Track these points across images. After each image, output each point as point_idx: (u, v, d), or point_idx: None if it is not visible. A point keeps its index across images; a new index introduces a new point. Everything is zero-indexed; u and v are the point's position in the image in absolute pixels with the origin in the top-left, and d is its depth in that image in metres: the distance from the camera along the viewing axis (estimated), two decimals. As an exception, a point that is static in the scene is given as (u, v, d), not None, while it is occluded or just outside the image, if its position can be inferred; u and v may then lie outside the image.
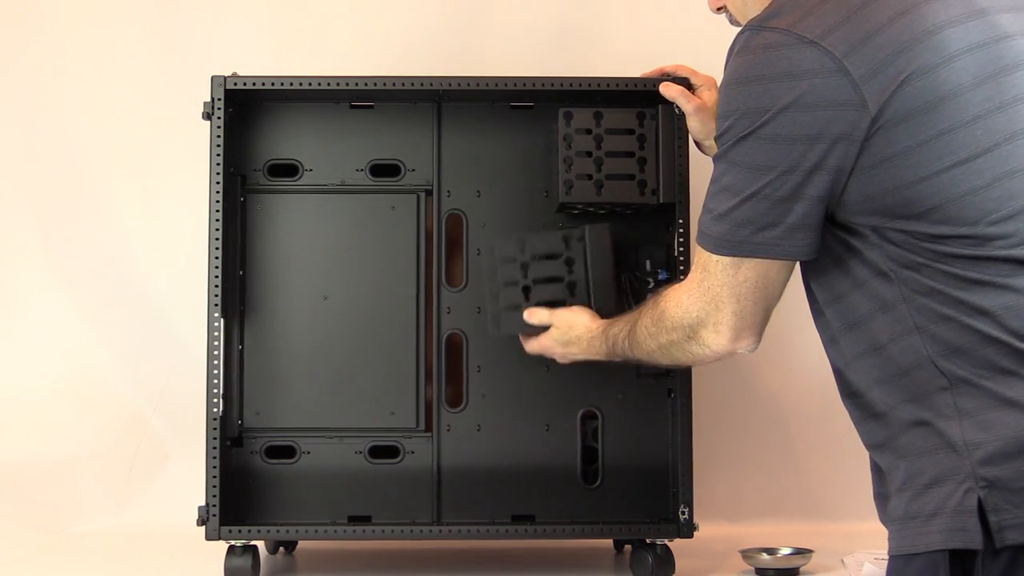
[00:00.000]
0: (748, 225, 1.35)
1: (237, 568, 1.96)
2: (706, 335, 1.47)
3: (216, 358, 1.98)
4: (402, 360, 2.04)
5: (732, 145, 1.35)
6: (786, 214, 1.34)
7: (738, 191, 1.35)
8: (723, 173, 1.38)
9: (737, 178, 1.35)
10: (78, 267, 2.62)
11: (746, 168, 1.34)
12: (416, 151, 2.07)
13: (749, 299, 1.41)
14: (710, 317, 1.45)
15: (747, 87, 1.33)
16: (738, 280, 1.40)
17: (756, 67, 1.32)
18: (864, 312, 1.36)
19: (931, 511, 1.29)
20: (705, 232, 1.41)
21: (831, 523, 2.48)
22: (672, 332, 1.51)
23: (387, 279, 2.05)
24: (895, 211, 1.30)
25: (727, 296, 1.42)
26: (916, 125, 1.28)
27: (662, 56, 2.24)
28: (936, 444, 1.30)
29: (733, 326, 1.44)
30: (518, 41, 2.61)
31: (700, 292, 1.45)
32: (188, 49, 2.60)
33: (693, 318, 1.47)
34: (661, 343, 1.55)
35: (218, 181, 1.99)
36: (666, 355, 1.57)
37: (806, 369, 2.59)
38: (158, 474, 2.58)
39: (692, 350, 1.50)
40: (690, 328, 1.48)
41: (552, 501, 2.03)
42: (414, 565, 2.18)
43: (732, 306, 1.42)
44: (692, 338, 1.49)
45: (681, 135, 2.00)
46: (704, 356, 1.50)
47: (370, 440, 2.04)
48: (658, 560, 1.98)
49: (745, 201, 1.35)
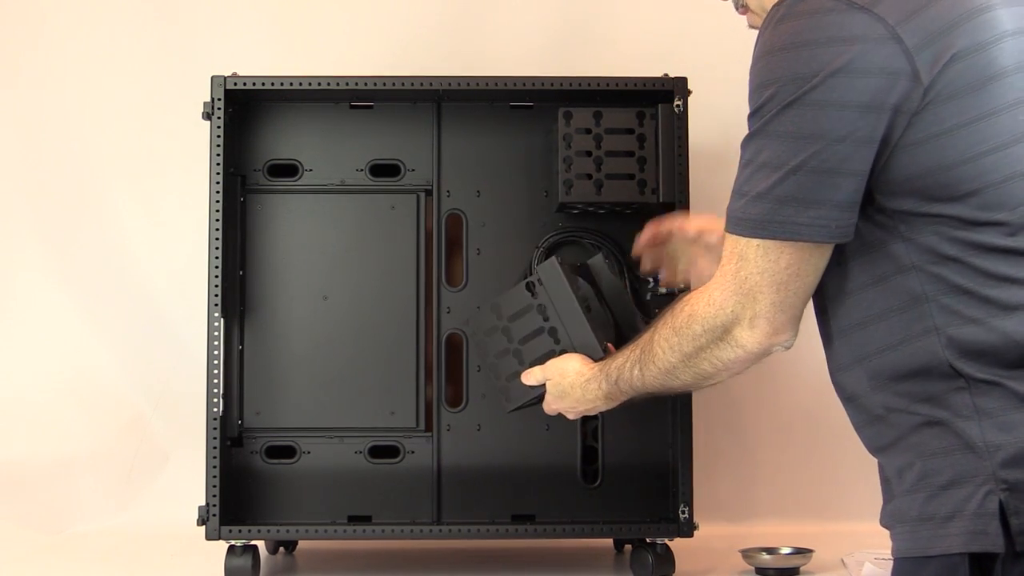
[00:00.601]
0: (792, 203, 1.26)
1: (237, 568, 1.97)
2: (740, 333, 1.34)
3: (216, 358, 1.98)
4: (402, 360, 2.04)
5: (775, 115, 1.25)
6: (833, 190, 1.25)
7: (780, 164, 1.26)
8: (760, 149, 1.28)
9: (779, 150, 1.26)
10: (78, 267, 2.62)
11: (790, 138, 1.25)
12: (416, 151, 2.07)
13: (790, 288, 1.31)
14: (746, 311, 1.33)
15: (793, 52, 1.24)
16: (779, 267, 1.30)
17: (803, 32, 1.24)
18: (878, 310, 1.31)
19: (948, 513, 1.25)
20: (740, 217, 1.30)
21: (831, 523, 2.48)
22: (701, 337, 1.38)
23: (387, 279, 2.05)
24: (934, 193, 1.25)
25: (767, 286, 1.31)
26: (963, 104, 1.23)
27: (662, 56, 2.25)
28: (953, 444, 1.26)
29: (771, 319, 1.32)
30: (518, 41, 2.61)
31: (735, 284, 1.33)
32: (188, 49, 2.60)
33: (728, 314, 1.34)
34: (686, 352, 1.41)
35: (218, 181, 1.99)
36: (690, 368, 1.43)
37: (806, 368, 2.58)
38: (158, 474, 2.58)
39: (722, 355, 1.38)
40: (723, 328, 1.35)
41: (552, 501, 2.03)
42: (414, 565, 2.18)
43: (771, 296, 1.31)
44: (723, 339, 1.36)
45: (681, 135, 2.00)
46: (735, 360, 1.38)
47: (370, 440, 2.04)
48: (658, 559, 1.98)
49: (789, 175, 1.25)
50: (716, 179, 2.55)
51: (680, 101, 2.00)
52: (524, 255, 2.05)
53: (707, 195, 2.47)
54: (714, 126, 2.54)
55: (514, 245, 2.06)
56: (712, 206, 2.51)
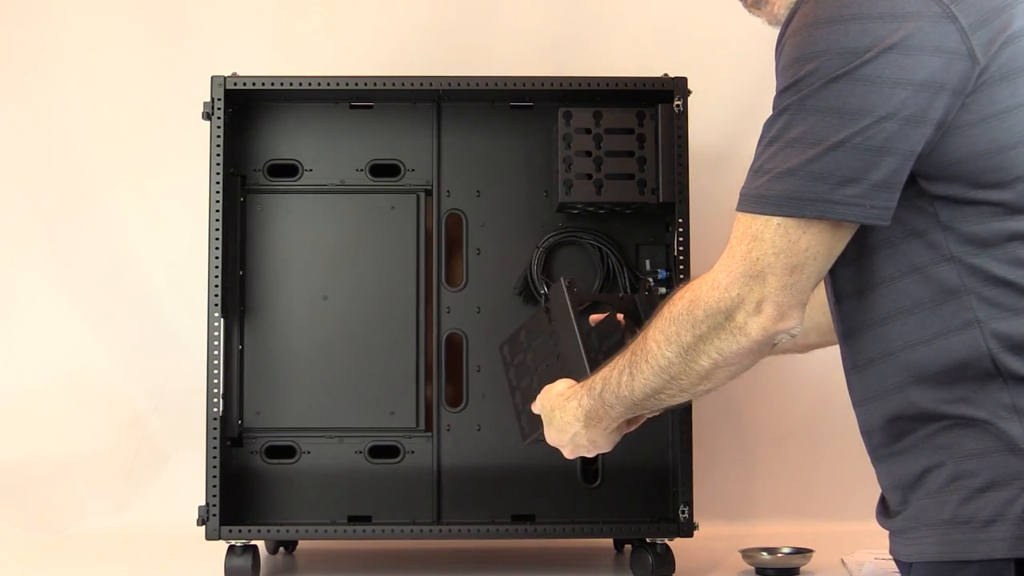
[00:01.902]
0: (827, 179, 1.19)
1: (237, 568, 1.97)
2: (744, 318, 1.25)
3: (216, 358, 1.98)
4: (402, 360, 2.04)
5: (817, 88, 1.20)
6: (872, 168, 1.19)
7: (817, 140, 1.20)
8: (791, 124, 1.22)
9: (818, 125, 1.20)
10: (78, 267, 2.61)
11: (833, 113, 1.19)
12: (416, 151, 2.07)
13: (804, 271, 1.23)
14: (752, 294, 1.24)
15: (841, 26, 1.20)
16: (799, 247, 1.22)
17: (851, 6, 1.20)
18: (909, 302, 1.26)
19: (989, 516, 1.21)
20: (761, 194, 1.23)
21: (831, 523, 2.48)
22: (702, 323, 1.28)
23: (387, 279, 2.05)
24: (981, 178, 1.21)
25: (780, 267, 1.23)
26: (1016, 86, 1.20)
27: (662, 56, 2.25)
28: (992, 446, 1.22)
29: (778, 303, 1.24)
30: (518, 41, 2.61)
31: (744, 266, 1.25)
32: (188, 49, 2.60)
33: (733, 298, 1.25)
34: (684, 344, 1.31)
35: (218, 181, 1.99)
36: (687, 365, 1.32)
37: (806, 369, 2.58)
38: (158, 474, 2.58)
39: (723, 345, 1.28)
40: (726, 312, 1.26)
41: (552, 501, 2.03)
42: (414, 565, 2.18)
43: (782, 279, 1.23)
44: (725, 327, 1.27)
45: (681, 134, 2.00)
46: (737, 352, 1.28)
47: (370, 440, 2.04)
48: (658, 559, 1.98)
49: (828, 151, 1.19)
50: (716, 179, 2.57)
51: (680, 101, 2.00)
52: (524, 255, 2.05)
53: (707, 195, 2.47)
54: (714, 126, 2.54)
55: (514, 245, 2.06)
56: (712, 206, 2.51)
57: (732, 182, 2.61)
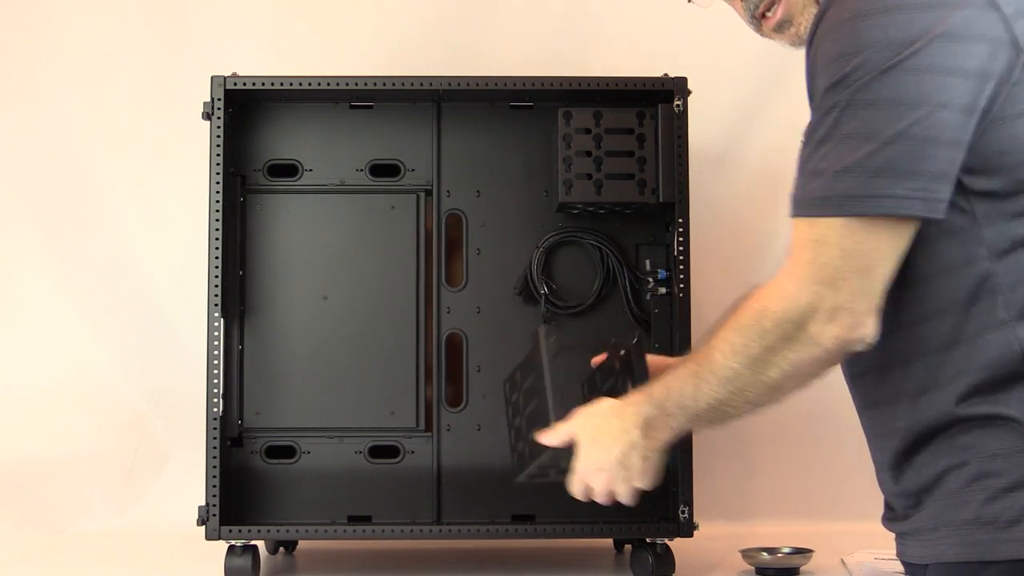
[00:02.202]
0: (887, 175, 1.16)
1: (237, 568, 1.96)
2: (817, 328, 1.20)
3: (216, 358, 1.98)
4: (402, 360, 2.04)
5: (868, 82, 1.17)
6: (932, 160, 1.16)
7: (872, 134, 1.16)
8: (842, 121, 1.18)
9: (872, 119, 1.17)
10: (78, 267, 2.61)
11: (887, 105, 1.16)
12: (416, 151, 2.07)
13: (875, 273, 1.19)
14: (824, 302, 1.19)
15: (885, 17, 1.17)
16: (866, 248, 1.18)
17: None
18: (944, 302, 1.24)
19: (1013, 517, 1.20)
20: (821, 196, 1.19)
21: (831, 523, 2.48)
22: (770, 333, 1.23)
23: (387, 279, 2.05)
24: (1020, 173, 1.19)
25: (851, 271, 1.18)
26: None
27: (662, 56, 2.25)
28: (1018, 445, 1.20)
29: (853, 310, 1.19)
30: (518, 41, 2.61)
31: (812, 272, 1.19)
32: (188, 49, 2.60)
33: (803, 307, 1.20)
34: (752, 355, 1.24)
35: (218, 181, 1.99)
36: (755, 375, 1.25)
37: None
38: (158, 474, 2.58)
39: (794, 356, 1.22)
40: (796, 323, 1.21)
41: (552, 501, 2.03)
42: (414, 565, 2.17)
43: (855, 283, 1.19)
44: (796, 338, 1.21)
45: (681, 134, 2.00)
46: (809, 362, 1.23)
47: (370, 440, 2.04)
48: (658, 559, 1.98)
49: (886, 145, 1.16)
50: (716, 179, 2.57)
51: (680, 101, 2.00)
52: (524, 255, 2.05)
53: (707, 195, 2.48)
54: (714, 126, 2.54)
55: (514, 245, 2.06)
56: (712, 206, 2.52)
57: (732, 182, 2.65)
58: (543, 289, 2.03)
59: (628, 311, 2.04)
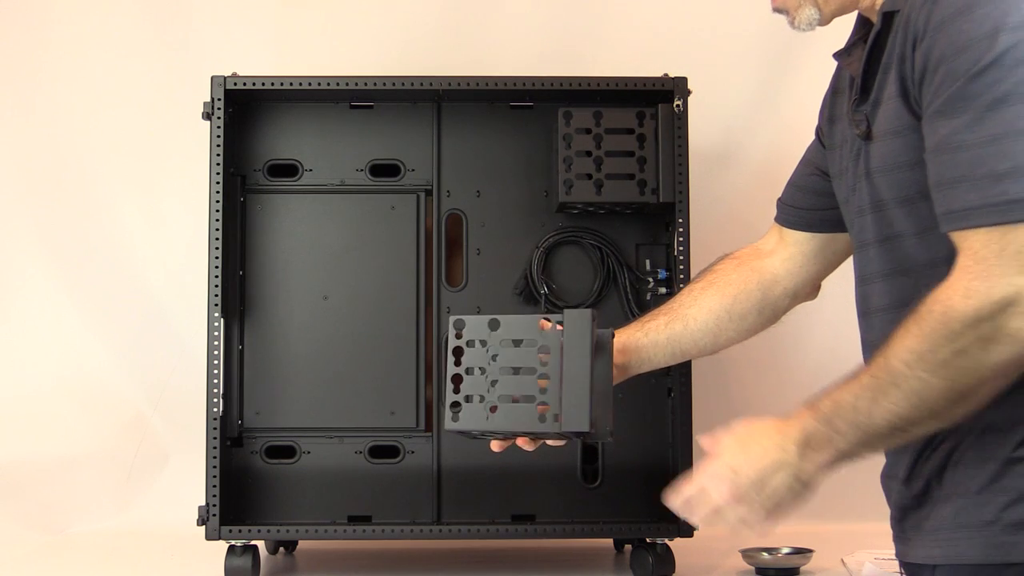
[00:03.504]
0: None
1: (237, 568, 1.96)
2: (1016, 323, 1.11)
3: (216, 358, 1.98)
4: (402, 360, 2.04)
5: (1013, 67, 1.11)
6: None
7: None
8: (1014, 115, 1.12)
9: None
10: (79, 267, 2.62)
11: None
12: (416, 151, 2.07)
13: None
14: (1022, 293, 1.11)
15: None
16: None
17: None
18: None
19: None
20: (1013, 200, 1.11)
21: (831, 523, 2.47)
22: (961, 336, 1.14)
23: (387, 279, 2.05)
24: None
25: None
26: None
27: (662, 56, 2.25)
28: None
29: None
30: (518, 41, 2.61)
31: (1002, 264, 1.12)
32: (188, 49, 2.60)
33: (996, 301, 1.12)
34: (940, 360, 1.15)
35: (218, 181, 1.99)
36: (945, 383, 1.16)
37: (807, 368, 2.58)
38: (158, 474, 2.58)
39: (988, 358, 1.13)
40: (989, 319, 1.12)
41: (552, 501, 2.03)
42: (414, 565, 2.17)
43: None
44: (990, 337, 1.13)
45: (681, 135, 1.99)
46: (1008, 362, 1.14)
47: (370, 440, 2.04)
48: (658, 559, 1.98)
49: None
50: (716, 179, 2.57)
51: (680, 101, 2.00)
52: (524, 255, 2.05)
53: (707, 195, 2.48)
54: (714, 126, 2.54)
55: (514, 245, 2.06)
56: (711, 206, 2.52)
57: (732, 182, 2.65)
58: (543, 289, 2.03)
59: (628, 311, 2.04)
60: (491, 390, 1.52)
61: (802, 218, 1.65)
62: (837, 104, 1.48)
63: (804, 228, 1.65)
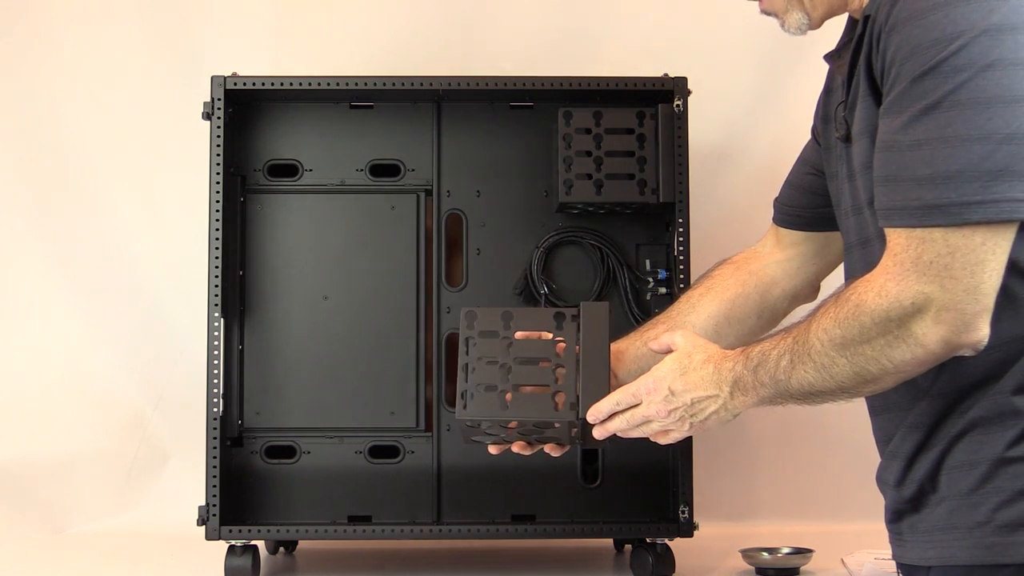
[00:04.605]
0: (1005, 177, 1.10)
1: (237, 568, 1.97)
2: (922, 329, 1.15)
3: (216, 358, 1.98)
4: (402, 360, 2.04)
5: (971, 77, 1.11)
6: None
7: (986, 134, 1.11)
8: (943, 122, 1.12)
9: (983, 118, 1.11)
10: (79, 267, 2.62)
11: (997, 103, 1.11)
12: (416, 151, 2.08)
13: (988, 271, 1.14)
14: (932, 302, 1.14)
15: (983, 3, 1.12)
16: (974, 245, 1.13)
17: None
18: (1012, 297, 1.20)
19: None
20: (931, 205, 1.13)
21: (831, 523, 2.48)
22: (870, 330, 1.18)
23: (387, 279, 2.05)
24: None
25: (959, 269, 1.13)
26: None
27: (662, 56, 2.25)
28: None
29: (963, 311, 1.14)
30: (518, 41, 2.61)
31: (917, 271, 1.14)
32: (188, 49, 2.60)
33: (906, 307, 1.15)
34: (849, 348, 1.21)
35: (218, 181, 1.99)
36: (852, 367, 1.22)
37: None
38: (158, 474, 2.58)
39: (894, 355, 1.18)
40: (898, 322, 1.16)
41: (552, 501, 2.03)
42: (414, 565, 2.18)
43: (966, 282, 1.13)
44: (898, 336, 1.17)
45: (681, 134, 2.00)
46: (910, 362, 1.18)
47: (370, 440, 2.04)
48: (658, 559, 1.98)
49: (1001, 145, 1.11)
50: (716, 179, 2.57)
51: (680, 101, 2.00)
52: (524, 255, 2.05)
53: (707, 195, 2.47)
54: (714, 126, 2.54)
55: (514, 245, 2.06)
56: (711, 206, 2.52)
57: (732, 182, 2.65)
58: (543, 289, 2.03)
59: (628, 311, 2.04)
60: (506, 379, 1.52)
61: (799, 218, 1.65)
62: (830, 104, 1.49)
63: (801, 228, 1.65)
